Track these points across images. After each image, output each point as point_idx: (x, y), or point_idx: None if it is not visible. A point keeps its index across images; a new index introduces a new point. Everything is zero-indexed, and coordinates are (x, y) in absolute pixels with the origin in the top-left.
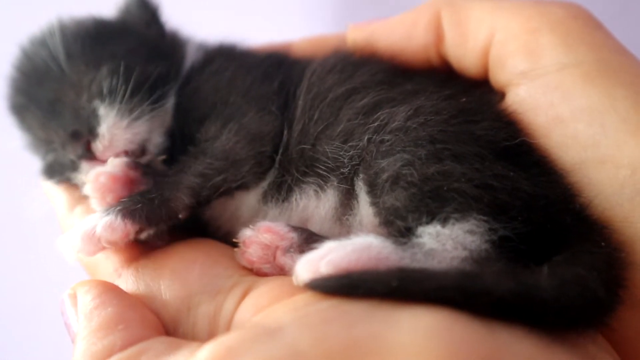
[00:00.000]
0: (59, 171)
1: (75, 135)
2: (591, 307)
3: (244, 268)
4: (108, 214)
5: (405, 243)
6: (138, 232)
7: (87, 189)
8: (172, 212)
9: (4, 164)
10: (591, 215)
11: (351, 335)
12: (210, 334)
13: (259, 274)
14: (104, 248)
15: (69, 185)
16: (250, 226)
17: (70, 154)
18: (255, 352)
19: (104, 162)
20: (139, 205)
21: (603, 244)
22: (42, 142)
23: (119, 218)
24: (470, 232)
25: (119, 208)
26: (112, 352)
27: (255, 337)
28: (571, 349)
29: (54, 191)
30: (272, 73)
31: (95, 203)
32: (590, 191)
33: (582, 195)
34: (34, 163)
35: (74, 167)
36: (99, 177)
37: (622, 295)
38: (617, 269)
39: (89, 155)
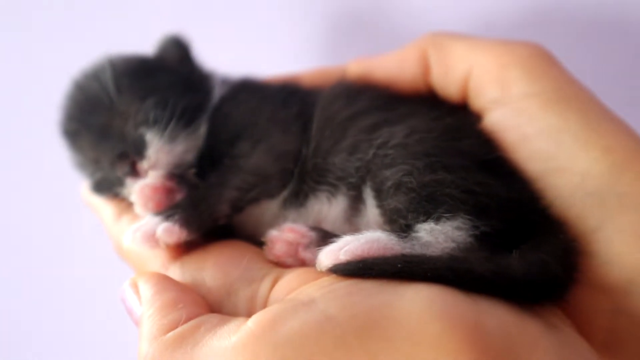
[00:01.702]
0: (107, 187)
1: (122, 156)
2: (551, 285)
3: (271, 262)
4: (168, 220)
5: (405, 237)
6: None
7: (133, 198)
8: (215, 221)
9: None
10: (552, 213)
11: (369, 303)
12: (249, 313)
13: (283, 266)
14: (158, 247)
15: (114, 199)
16: (276, 228)
17: (118, 172)
18: (296, 317)
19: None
20: (192, 216)
21: (561, 235)
22: (91, 161)
23: (177, 225)
24: (458, 228)
25: (177, 217)
26: (177, 324)
27: (294, 307)
28: (535, 317)
29: (101, 204)
30: (291, 100)
31: (139, 209)
32: (551, 195)
33: (545, 198)
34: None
35: (120, 183)
36: (143, 188)
37: (575, 276)
38: (572, 255)
39: (134, 172)
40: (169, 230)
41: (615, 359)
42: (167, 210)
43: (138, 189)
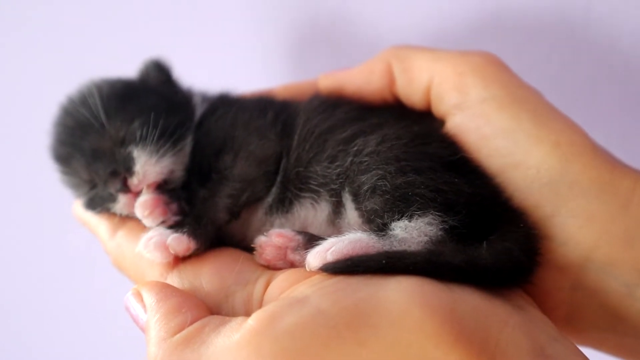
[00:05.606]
0: (99, 203)
1: (114, 174)
2: (517, 270)
3: (262, 265)
4: (177, 231)
5: (383, 235)
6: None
7: (138, 214)
8: (216, 229)
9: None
10: (513, 204)
11: (357, 296)
12: (246, 313)
13: (274, 269)
14: (170, 255)
15: (107, 214)
16: (264, 233)
17: (110, 189)
18: (292, 313)
19: (137, 193)
20: (198, 229)
21: (522, 224)
22: (84, 181)
23: (185, 235)
24: (429, 223)
25: (185, 230)
26: (184, 326)
27: (289, 304)
28: (504, 300)
29: (95, 221)
30: (265, 109)
31: (146, 221)
32: (510, 187)
33: (506, 191)
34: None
35: (113, 199)
36: (145, 202)
37: (537, 260)
38: (533, 242)
39: (126, 188)
40: (178, 239)
41: (575, 331)
42: (175, 226)
43: (139, 205)
